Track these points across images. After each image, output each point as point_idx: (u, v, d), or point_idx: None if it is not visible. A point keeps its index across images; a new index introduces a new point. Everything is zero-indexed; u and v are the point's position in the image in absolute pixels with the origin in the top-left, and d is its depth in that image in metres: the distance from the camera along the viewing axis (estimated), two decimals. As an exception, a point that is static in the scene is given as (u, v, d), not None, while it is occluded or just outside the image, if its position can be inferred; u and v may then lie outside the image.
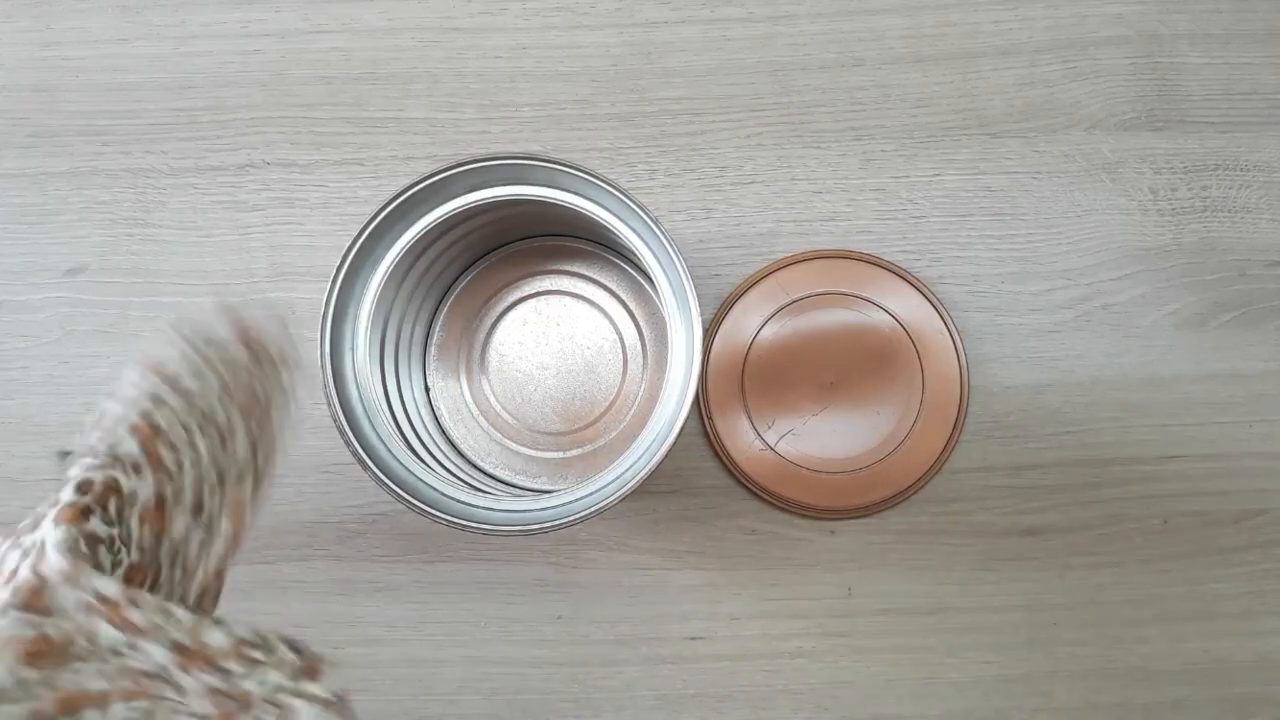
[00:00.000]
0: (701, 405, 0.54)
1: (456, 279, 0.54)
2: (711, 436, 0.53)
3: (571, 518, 0.41)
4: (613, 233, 0.43)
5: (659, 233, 0.41)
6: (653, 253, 0.43)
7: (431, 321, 0.54)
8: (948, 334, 0.53)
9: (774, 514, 0.54)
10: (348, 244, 0.44)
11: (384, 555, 0.54)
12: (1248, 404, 0.54)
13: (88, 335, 0.56)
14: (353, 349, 0.44)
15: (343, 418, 0.43)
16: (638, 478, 0.40)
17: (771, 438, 0.53)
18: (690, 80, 0.56)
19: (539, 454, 0.53)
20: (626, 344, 0.54)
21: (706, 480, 0.54)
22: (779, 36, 0.56)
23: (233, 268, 0.56)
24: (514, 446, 0.53)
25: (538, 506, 0.42)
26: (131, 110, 0.57)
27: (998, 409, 0.54)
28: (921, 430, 0.53)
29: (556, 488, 0.52)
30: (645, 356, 0.54)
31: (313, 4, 0.57)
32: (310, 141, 0.56)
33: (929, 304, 0.54)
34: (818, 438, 0.53)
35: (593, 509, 0.41)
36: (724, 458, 0.53)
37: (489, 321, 0.54)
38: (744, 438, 0.53)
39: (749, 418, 0.53)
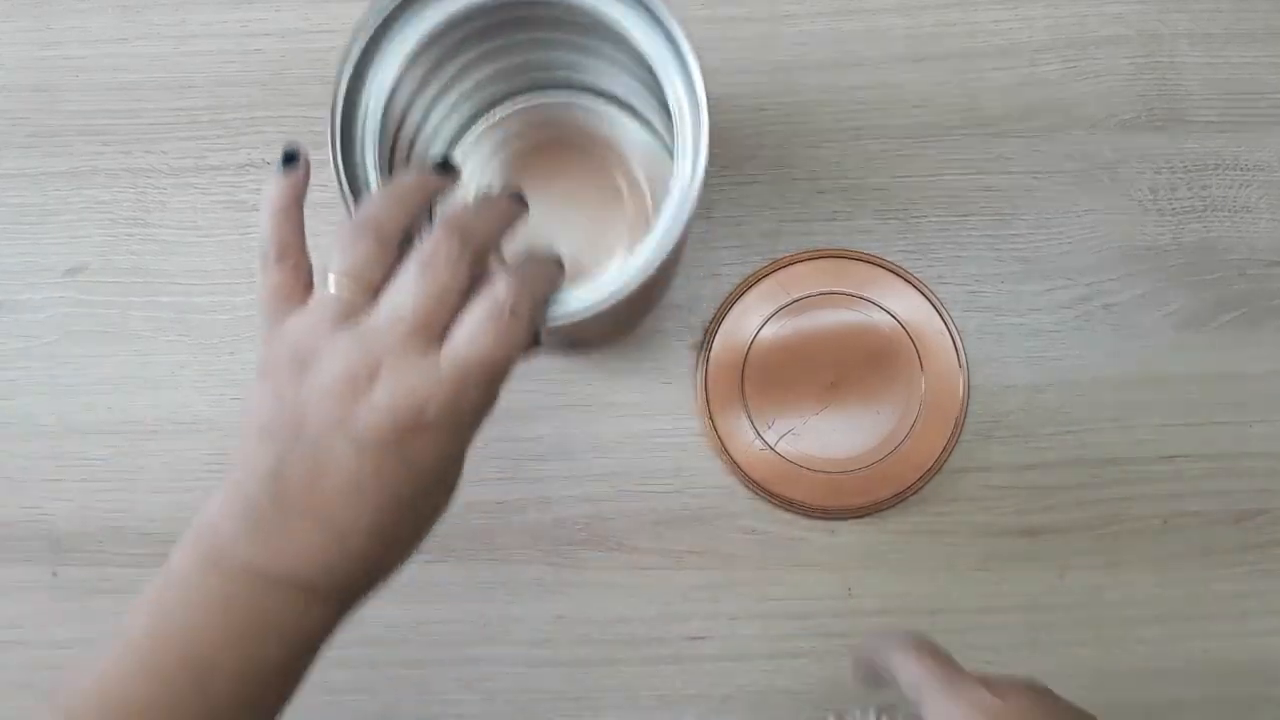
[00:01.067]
0: (702, 404, 0.54)
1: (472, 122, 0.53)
2: (711, 436, 0.53)
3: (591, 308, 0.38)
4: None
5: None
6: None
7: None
8: (947, 334, 0.53)
9: (774, 514, 0.54)
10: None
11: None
12: (1248, 404, 0.54)
13: (88, 335, 0.56)
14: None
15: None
16: (670, 241, 0.38)
17: (771, 437, 0.53)
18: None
19: None
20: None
21: (707, 480, 0.54)
22: (779, 36, 0.56)
23: (233, 268, 0.56)
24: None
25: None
26: (131, 110, 0.57)
27: (998, 409, 0.54)
28: (922, 430, 0.53)
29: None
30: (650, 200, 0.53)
31: (313, 4, 0.57)
32: (310, 141, 0.56)
33: (929, 304, 0.54)
34: (818, 437, 0.53)
35: (619, 290, 0.38)
36: (724, 457, 0.53)
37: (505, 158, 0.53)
38: (744, 437, 0.53)
39: (749, 417, 0.53)
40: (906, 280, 0.54)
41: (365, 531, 0.33)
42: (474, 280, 0.34)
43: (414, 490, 0.33)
